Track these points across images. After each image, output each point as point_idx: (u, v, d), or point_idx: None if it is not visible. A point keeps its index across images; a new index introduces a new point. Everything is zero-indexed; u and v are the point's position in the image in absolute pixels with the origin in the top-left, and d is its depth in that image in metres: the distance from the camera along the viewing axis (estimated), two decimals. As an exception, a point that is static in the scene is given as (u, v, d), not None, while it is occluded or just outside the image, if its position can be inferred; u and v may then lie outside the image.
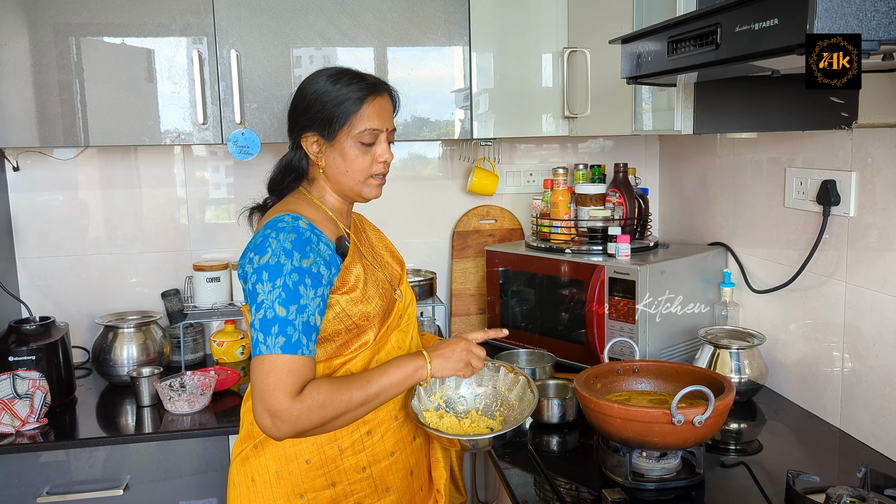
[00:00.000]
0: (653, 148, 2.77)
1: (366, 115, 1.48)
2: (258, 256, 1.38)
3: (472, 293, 2.72)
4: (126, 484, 1.95)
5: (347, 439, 1.48)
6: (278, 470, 1.47)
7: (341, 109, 1.47)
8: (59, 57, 2.07)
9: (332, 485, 1.48)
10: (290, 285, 1.35)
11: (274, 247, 1.37)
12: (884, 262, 1.62)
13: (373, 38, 2.23)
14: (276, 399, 1.31)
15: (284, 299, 1.34)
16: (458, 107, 2.32)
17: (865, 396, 1.69)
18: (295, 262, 1.36)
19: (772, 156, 2.01)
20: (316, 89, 1.49)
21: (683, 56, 1.30)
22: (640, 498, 1.46)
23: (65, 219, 2.50)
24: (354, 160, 1.50)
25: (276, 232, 1.40)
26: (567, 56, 2.27)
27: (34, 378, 2.01)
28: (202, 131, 2.17)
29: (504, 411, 1.62)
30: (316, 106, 1.48)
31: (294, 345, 1.33)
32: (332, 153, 1.50)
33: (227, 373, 2.28)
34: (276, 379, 1.31)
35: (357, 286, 1.47)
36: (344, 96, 1.47)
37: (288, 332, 1.33)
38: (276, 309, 1.33)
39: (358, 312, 1.47)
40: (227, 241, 2.61)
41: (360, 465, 1.49)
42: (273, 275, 1.35)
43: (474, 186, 2.65)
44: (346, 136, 1.48)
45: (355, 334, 1.49)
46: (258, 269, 1.36)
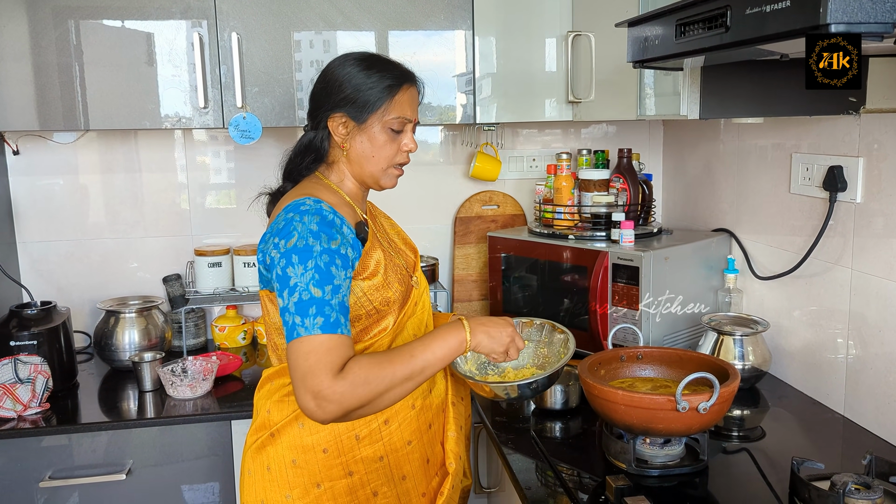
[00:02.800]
0: (657, 133, 2.76)
1: (399, 103, 1.48)
2: (284, 241, 1.35)
3: (474, 279, 2.71)
4: (128, 469, 1.95)
5: (365, 429, 1.47)
6: (295, 459, 1.47)
7: (376, 94, 1.46)
8: (59, 40, 2.05)
9: (349, 474, 1.47)
10: (323, 266, 1.33)
11: (300, 230, 1.35)
12: (890, 249, 1.61)
13: (374, 22, 2.21)
14: (317, 379, 1.27)
15: (319, 280, 1.31)
16: (461, 91, 2.30)
17: (870, 383, 1.68)
18: (324, 244, 1.34)
19: (777, 141, 1.99)
20: (349, 71, 1.48)
21: (692, 39, 1.28)
22: (644, 484, 1.45)
23: (65, 203, 2.49)
24: (382, 146, 1.49)
25: (299, 215, 1.37)
26: (571, 40, 2.25)
27: (36, 363, 2.01)
28: (203, 115, 2.16)
29: (535, 361, 1.65)
30: (348, 88, 1.47)
31: (333, 324, 1.30)
32: (360, 136, 1.49)
33: (228, 358, 2.27)
34: (315, 358, 1.28)
35: (378, 271, 1.47)
36: (379, 81, 1.46)
37: (326, 312, 1.30)
38: (312, 290, 1.31)
39: (379, 298, 1.46)
40: (229, 227, 2.60)
41: (378, 455, 1.49)
42: (303, 257, 1.32)
43: (477, 172, 2.63)
44: (377, 120, 1.47)
45: (375, 320, 1.48)
46: (286, 252, 1.34)
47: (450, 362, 1.43)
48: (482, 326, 1.47)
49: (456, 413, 1.64)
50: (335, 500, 1.47)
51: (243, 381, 2.22)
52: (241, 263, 2.47)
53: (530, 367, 1.67)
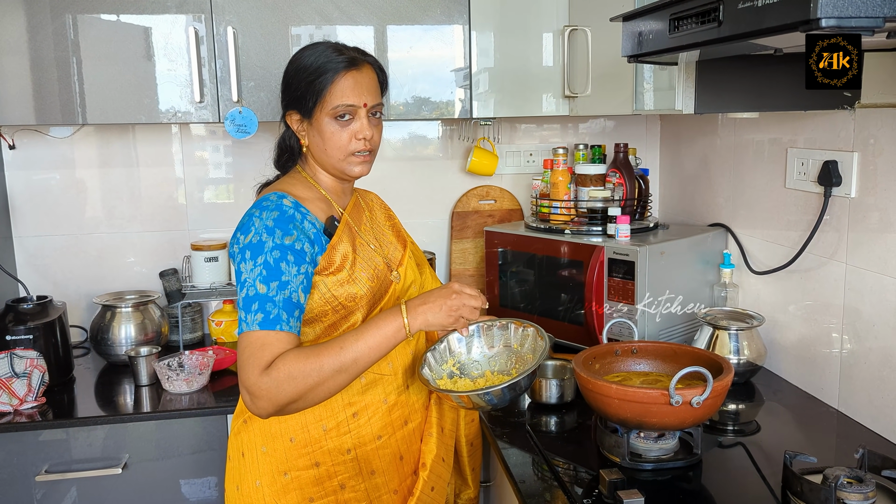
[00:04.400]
0: (653, 128, 2.76)
1: (338, 91, 1.44)
2: (243, 236, 1.39)
3: (471, 273, 2.71)
4: (125, 463, 1.95)
5: (332, 420, 1.47)
6: (264, 446, 1.48)
7: (315, 86, 1.44)
8: (55, 33, 2.05)
9: (316, 465, 1.47)
10: (272, 262, 1.34)
11: (257, 225, 1.38)
12: (884, 244, 1.61)
13: (372, 17, 2.20)
14: (245, 374, 1.30)
15: (265, 276, 1.34)
16: (458, 86, 2.30)
17: (864, 378, 1.69)
18: (276, 240, 1.36)
19: (773, 136, 1.99)
20: (296, 66, 1.48)
21: (685, 34, 1.28)
22: (638, 478, 1.46)
23: (62, 198, 2.49)
24: (331, 137, 1.47)
25: (259, 210, 1.40)
26: (568, 35, 2.25)
27: (32, 357, 2.01)
28: (200, 110, 2.15)
29: (520, 367, 1.58)
30: (294, 83, 1.47)
31: (272, 321, 1.32)
32: (312, 131, 1.49)
33: (225, 352, 2.28)
34: (248, 354, 1.30)
35: (344, 266, 1.46)
36: (318, 72, 1.44)
37: (267, 309, 1.32)
38: (258, 286, 1.33)
39: (344, 293, 1.45)
40: (226, 221, 2.60)
41: (345, 447, 1.48)
42: (255, 253, 1.35)
43: (474, 166, 2.63)
44: (321, 112, 1.46)
45: (343, 315, 1.47)
46: (243, 248, 1.37)
47: (389, 350, 1.38)
48: (421, 306, 1.40)
49: (438, 414, 1.61)
50: (301, 490, 1.47)
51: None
52: (237, 258, 2.47)
53: (514, 373, 1.59)
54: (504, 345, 1.62)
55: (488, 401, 1.43)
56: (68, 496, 1.96)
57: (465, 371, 1.60)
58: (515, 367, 1.59)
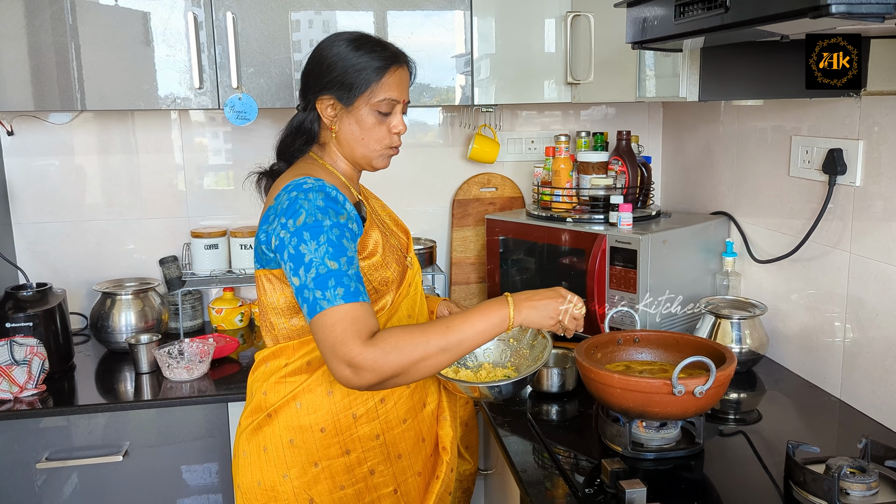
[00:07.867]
0: (656, 116, 2.74)
1: (386, 85, 1.47)
2: (292, 219, 1.35)
3: (472, 262, 2.70)
4: (126, 450, 1.95)
5: (362, 407, 1.48)
6: (293, 439, 1.47)
7: (363, 76, 1.45)
8: (53, 18, 2.02)
9: (347, 452, 1.48)
10: (335, 239, 1.33)
11: (307, 207, 1.35)
12: (889, 233, 1.60)
13: (373, 1, 2.18)
14: (346, 347, 1.27)
15: (333, 253, 1.32)
16: (459, 72, 2.28)
17: (867, 367, 1.68)
18: (332, 218, 1.35)
19: (777, 124, 1.98)
20: (338, 52, 1.47)
21: (691, 20, 1.26)
22: (640, 467, 1.45)
23: (61, 184, 2.48)
24: (370, 129, 1.49)
25: (303, 193, 1.37)
26: (570, 20, 2.23)
27: (32, 344, 2.01)
28: (199, 96, 2.14)
29: (515, 360, 1.64)
30: (336, 69, 1.46)
31: (353, 293, 1.30)
32: (348, 119, 1.49)
33: (225, 340, 2.27)
34: (342, 328, 1.28)
35: (377, 251, 1.47)
36: (366, 63, 1.45)
37: (345, 283, 1.31)
38: (328, 263, 1.31)
39: (378, 278, 1.47)
40: (226, 208, 2.59)
41: (374, 433, 1.50)
42: (315, 233, 1.33)
43: (475, 154, 2.62)
44: (364, 103, 1.47)
45: (374, 300, 1.48)
46: (297, 230, 1.34)
47: (489, 339, 1.40)
48: (528, 301, 1.42)
49: (449, 399, 1.65)
50: (332, 478, 1.48)
51: (240, 363, 2.22)
52: (237, 245, 2.46)
53: (510, 366, 1.68)
54: (498, 339, 1.66)
55: (496, 394, 1.52)
56: (69, 483, 1.96)
57: (461, 361, 1.65)
58: (511, 361, 1.64)
